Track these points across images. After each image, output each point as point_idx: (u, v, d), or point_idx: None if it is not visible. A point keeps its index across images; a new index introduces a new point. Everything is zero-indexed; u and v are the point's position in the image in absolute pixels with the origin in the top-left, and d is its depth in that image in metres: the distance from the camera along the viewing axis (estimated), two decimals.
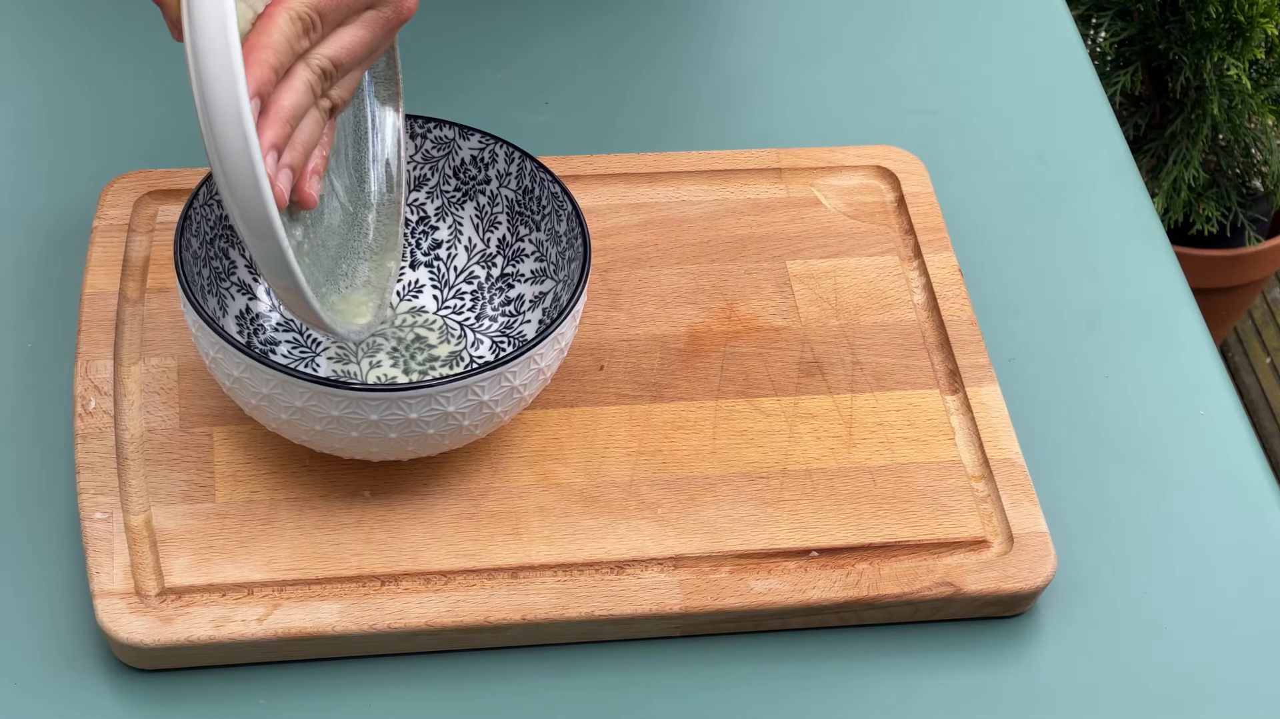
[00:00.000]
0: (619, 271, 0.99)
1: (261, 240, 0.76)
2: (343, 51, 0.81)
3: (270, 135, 0.78)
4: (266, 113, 0.78)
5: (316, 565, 0.85)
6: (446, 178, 0.95)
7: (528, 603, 0.85)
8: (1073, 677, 0.87)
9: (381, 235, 0.91)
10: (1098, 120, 1.15)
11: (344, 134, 0.90)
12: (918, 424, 0.94)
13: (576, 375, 0.94)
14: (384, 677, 0.84)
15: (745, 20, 1.19)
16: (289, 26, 0.78)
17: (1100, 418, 0.97)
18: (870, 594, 0.87)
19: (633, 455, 0.91)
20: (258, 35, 0.77)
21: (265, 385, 0.83)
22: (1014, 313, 1.02)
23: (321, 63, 0.80)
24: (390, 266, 0.90)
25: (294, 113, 0.79)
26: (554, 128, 1.10)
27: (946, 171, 1.09)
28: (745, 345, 0.96)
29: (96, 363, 0.91)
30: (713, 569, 0.87)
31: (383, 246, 0.91)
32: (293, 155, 0.80)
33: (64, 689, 0.83)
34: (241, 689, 0.83)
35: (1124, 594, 0.90)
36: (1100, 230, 1.08)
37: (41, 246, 1.00)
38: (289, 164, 0.79)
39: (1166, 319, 1.03)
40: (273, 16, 0.77)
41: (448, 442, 0.86)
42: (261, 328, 0.92)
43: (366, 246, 0.90)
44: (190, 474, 0.88)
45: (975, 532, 0.89)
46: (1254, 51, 1.82)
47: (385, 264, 0.90)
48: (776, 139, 1.10)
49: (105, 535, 0.85)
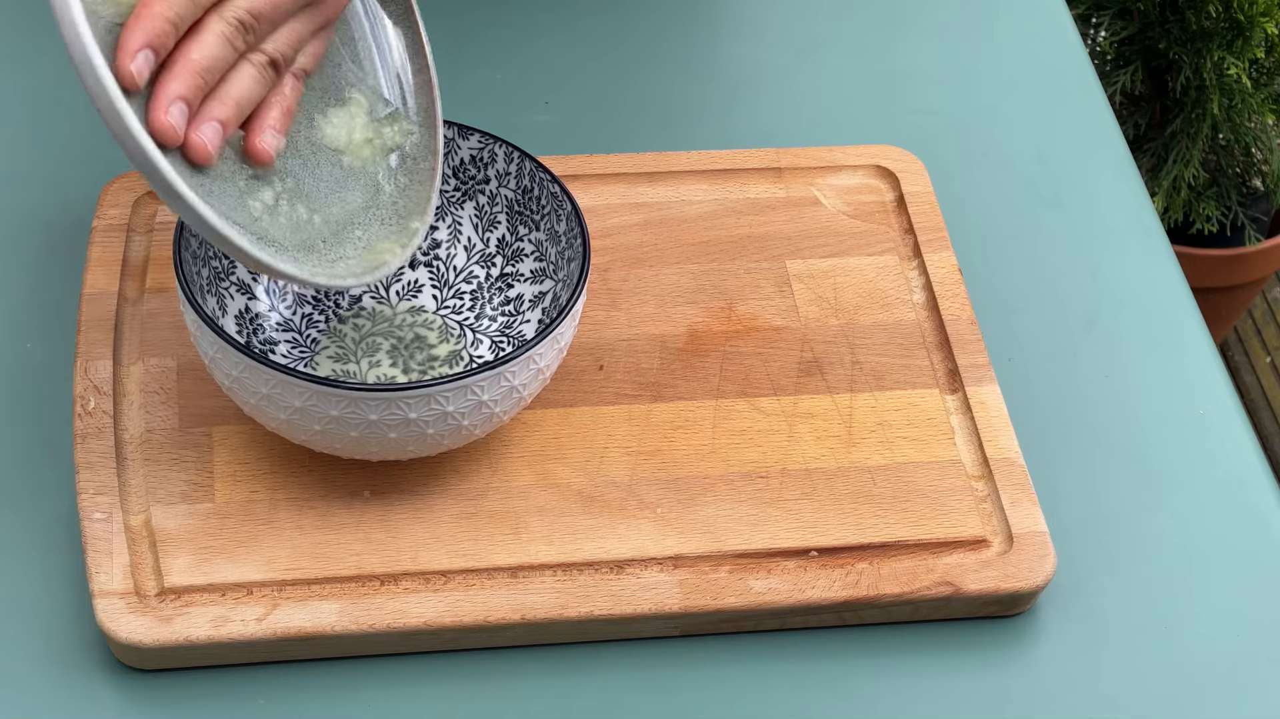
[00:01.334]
0: (618, 271, 0.99)
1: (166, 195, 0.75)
2: (263, 2, 0.79)
3: (175, 87, 0.76)
4: (170, 65, 0.77)
5: (316, 565, 0.85)
6: (446, 177, 0.95)
7: (527, 603, 0.85)
8: (1072, 676, 0.87)
9: (411, 195, 0.89)
10: (1098, 120, 1.15)
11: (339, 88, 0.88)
12: (917, 424, 0.94)
13: (576, 375, 0.94)
14: (383, 677, 0.84)
15: (745, 20, 1.19)
16: None
17: (1100, 417, 0.97)
18: (870, 594, 0.87)
19: (632, 455, 0.91)
20: None
21: (264, 385, 0.83)
22: (1013, 312, 1.02)
23: (236, 13, 0.78)
24: (415, 226, 0.87)
25: (206, 65, 0.77)
26: (553, 127, 1.10)
27: (946, 171, 1.09)
28: (745, 345, 0.96)
29: (96, 363, 0.91)
30: (712, 569, 0.87)
31: (410, 208, 0.88)
32: (222, 109, 0.78)
33: (63, 689, 0.83)
34: (240, 689, 0.83)
35: (1123, 594, 0.90)
36: (1100, 230, 1.08)
37: (41, 246, 1.00)
38: (216, 118, 0.78)
39: (1166, 318, 1.03)
40: None
41: (447, 441, 0.85)
42: (261, 328, 0.92)
43: (390, 209, 0.88)
44: (189, 474, 0.88)
45: (975, 531, 0.89)
46: (1254, 51, 1.82)
47: (410, 224, 0.88)
48: (776, 139, 1.10)
49: (104, 535, 0.85)
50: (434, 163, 0.88)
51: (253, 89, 0.80)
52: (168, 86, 0.77)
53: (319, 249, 0.83)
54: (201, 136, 0.78)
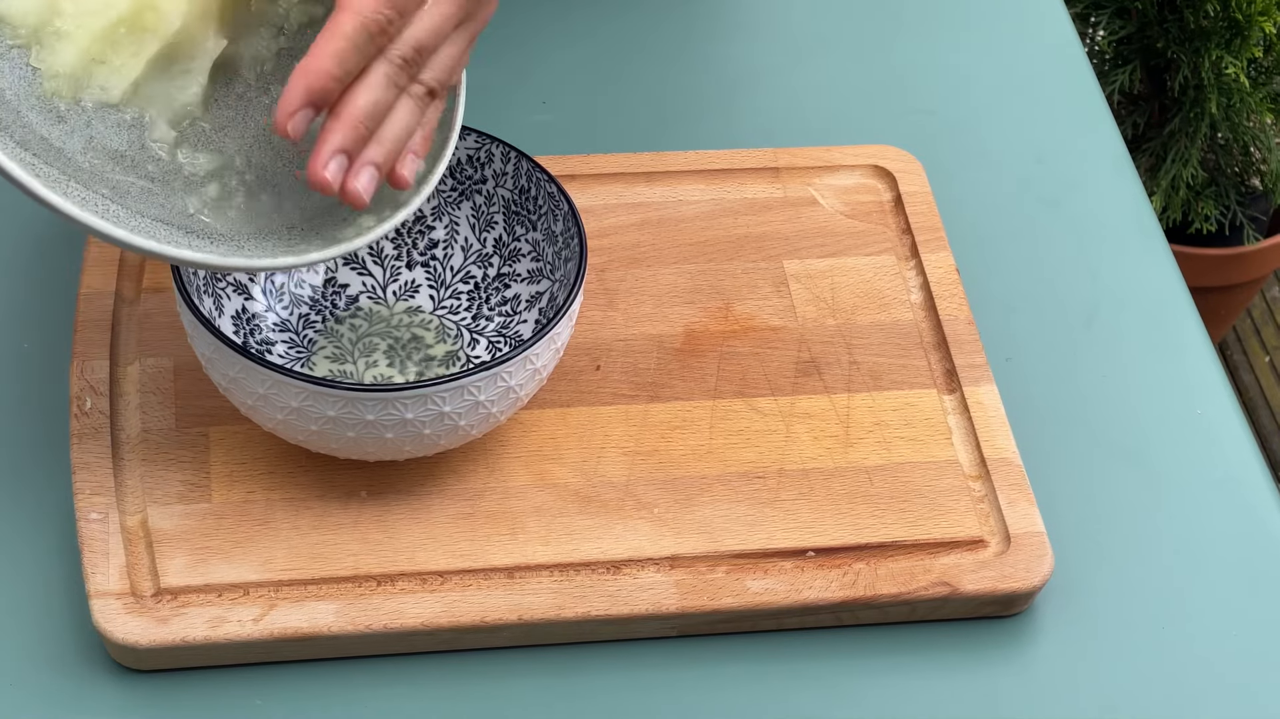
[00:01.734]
0: (615, 271, 0.99)
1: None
2: (426, 34, 0.78)
3: (336, 140, 0.77)
4: (336, 114, 0.77)
5: (312, 566, 0.85)
6: (443, 177, 0.95)
7: (524, 603, 0.85)
8: (1069, 676, 0.87)
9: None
10: (1096, 119, 1.15)
11: None
12: (915, 424, 0.93)
13: (573, 375, 0.94)
14: (380, 677, 0.84)
15: (743, 19, 1.19)
16: (354, 32, 0.76)
17: (1098, 417, 0.97)
18: (867, 594, 0.87)
19: (629, 455, 0.91)
20: (315, 46, 0.76)
21: (261, 385, 0.83)
22: (1011, 312, 1.02)
23: (402, 52, 0.78)
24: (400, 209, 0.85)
25: (369, 112, 0.78)
26: (551, 127, 1.10)
27: (944, 171, 1.09)
28: (742, 345, 0.96)
29: (92, 363, 0.91)
30: (709, 569, 0.87)
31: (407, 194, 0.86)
32: (379, 152, 0.78)
33: (59, 690, 0.83)
34: (237, 690, 0.83)
35: (1121, 594, 0.90)
36: (1098, 230, 1.08)
37: (38, 246, 0.99)
38: (373, 161, 0.78)
39: (1164, 318, 1.03)
40: (337, 23, 0.76)
41: (444, 442, 0.85)
42: (258, 328, 0.92)
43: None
44: (186, 474, 0.88)
45: (972, 531, 0.89)
46: (1252, 50, 1.82)
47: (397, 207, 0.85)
48: (773, 138, 1.10)
49: (101, 536, 0.85)
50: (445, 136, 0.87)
51: (410, 123, 0.80)
52: (330, 140, 0.77)
53: (282, 235, 0.82)
54: (357, 186, 0.78)
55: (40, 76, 0.80)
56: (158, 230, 0.78)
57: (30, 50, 0.80)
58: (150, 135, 0.82)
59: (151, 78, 0.82)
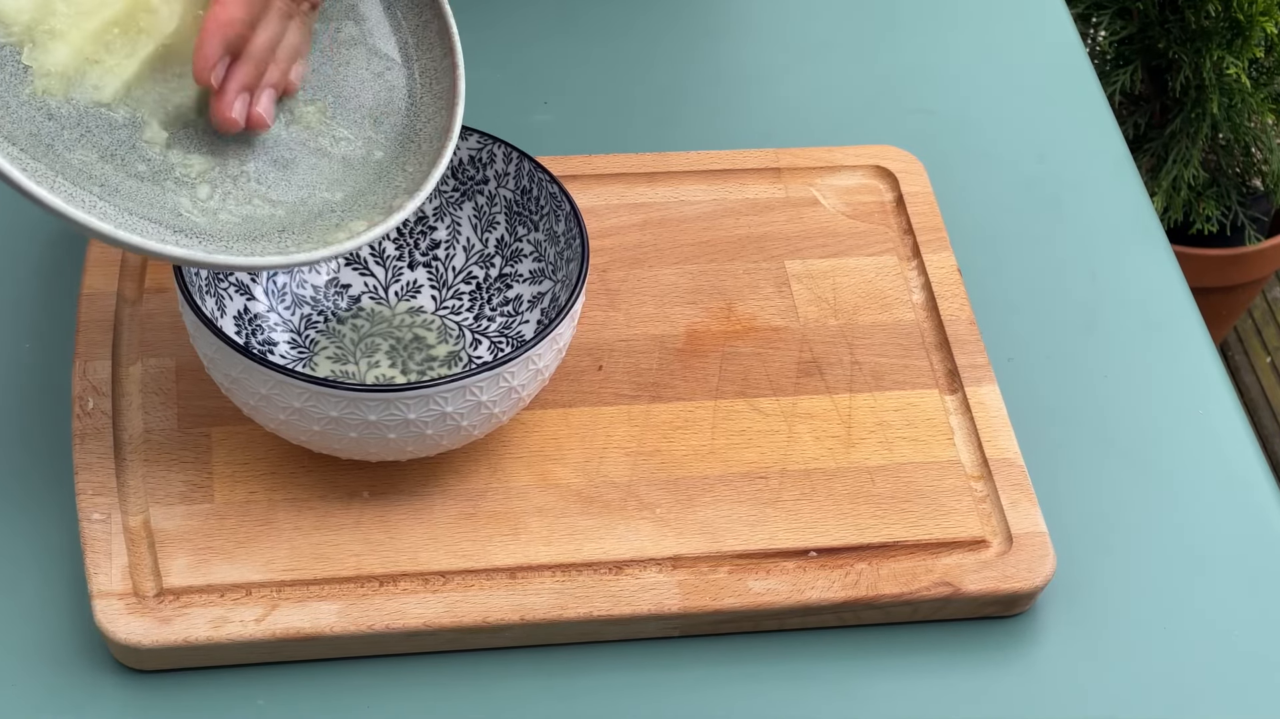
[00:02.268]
0: (617, 271, 0.99)
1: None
2: None
3: (239, 79, 0.82)
4: (243, 58, 0.82)
5: (315, 566, 0.85)
6: (445, 177, 0.95)
7: (526, 603, 0.85)
8: (1071, 676, 0.87)
9: (411, 175, 0.86)
10: (1097, 120, 1.15)
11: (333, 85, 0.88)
12: (916, 424, 0.93)
13: (575, 375, 0.94)
14: (382, 678, 0.84)
15: (744, 20, 1.19)
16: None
17: (1099, 417, 0.97)
18: (869, 594, 0.87)
19: (631, 456, 0.91)
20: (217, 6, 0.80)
21: (263, 386, 0.83)
22: (1013, 312, 1.02)
23: None
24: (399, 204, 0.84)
25: (269, 46, 0.82)
26: (552, 128, 1.10)
27: (945, 171, 1.09)
28: (744, 345, 0.96)
29: (94, 363, 0.91)
30: (711, 569, 0.87)
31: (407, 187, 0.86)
32: (277, 71, 0.84)
33: (62, 690, 0.83)
34: (239, 690, 0.83)
35: (1123, 594, 0.90)
36: (1099, 230, 1.08)
37: (39, 247, 0.99)
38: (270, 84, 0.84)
39: (1166, 318, 1.03)
40: None
41: (446, 442, 0.85)
42: (260, 328, 0.92)
43: (383, 189, 0.86)
44: (188, 475, 0.88)
45: (974, 531, 0.89)
46: (1253, 50, 1.82)
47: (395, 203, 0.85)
48: (775, 139, 1.10)
49: (103, 536, 0.85)
50: (443, 143, 0.87)
51: (299, 41, 0.84)
52: (235, 80, 0.82)
53: (274, 238, 0.82)
54: (260, 111, 0.83)
55: (32, 74, 0.80)
56: (146, 228, 0.79)
57: (23, 49, 0.80)
58: (142, 135, 0.82)
59: (146, 79, 0.82)
